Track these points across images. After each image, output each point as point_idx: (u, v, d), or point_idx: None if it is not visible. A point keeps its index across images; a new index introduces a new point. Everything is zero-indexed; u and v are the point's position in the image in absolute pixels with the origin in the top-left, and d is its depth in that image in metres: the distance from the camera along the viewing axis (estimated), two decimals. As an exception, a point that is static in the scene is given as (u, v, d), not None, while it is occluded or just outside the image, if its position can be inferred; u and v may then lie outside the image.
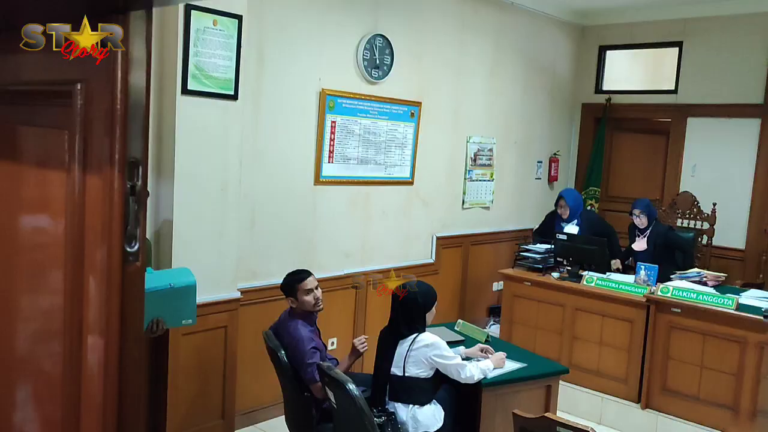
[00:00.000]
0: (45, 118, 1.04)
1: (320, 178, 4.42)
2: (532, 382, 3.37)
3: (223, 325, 3.74)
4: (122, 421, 1.08)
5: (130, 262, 0.92)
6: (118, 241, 0.92)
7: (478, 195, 5.94)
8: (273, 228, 4.17)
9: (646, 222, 5.21)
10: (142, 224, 0.95)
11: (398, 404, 3.08)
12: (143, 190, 0.94)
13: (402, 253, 5.19)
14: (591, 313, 4.69)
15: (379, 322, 4.62)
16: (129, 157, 0.90)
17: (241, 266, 3.90)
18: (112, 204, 0.92)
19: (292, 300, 3.30)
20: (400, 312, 3.12)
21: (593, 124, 7.08)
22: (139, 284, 0.95)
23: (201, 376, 3.70)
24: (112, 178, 0.91)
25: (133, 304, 0.94)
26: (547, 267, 5.11)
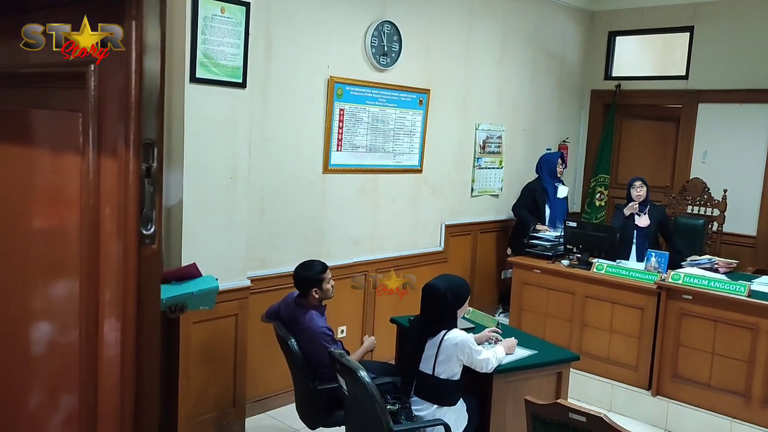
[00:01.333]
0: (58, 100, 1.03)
1: (329, 167, 4.41)
2: (543, 369, 3.37)
3: (234, 313, 3.75)
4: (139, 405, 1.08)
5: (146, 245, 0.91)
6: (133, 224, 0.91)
7: (487, 182, 5.91)
8: (282, 216, 4.17)
9: (644, 194, 5.16)
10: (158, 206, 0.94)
11: (423, 401, 3.06)
12: (159, 172, 0.93)
13: (411, 241, 5.18)
14: (601, 301, 4.67)
15: (389, 310, 4.63)
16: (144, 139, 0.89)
17: (250, 255, 3.90)
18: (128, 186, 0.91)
19: (317, 290, 3.33)
20: (430, 311, 3.07)
21: (602, 110, 7.03)
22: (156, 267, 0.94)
23: (212, 364, 3.72)
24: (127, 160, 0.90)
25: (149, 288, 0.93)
26: (557, 254, 5.09)
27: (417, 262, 5.20)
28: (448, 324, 3.05)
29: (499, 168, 6.02)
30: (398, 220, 5.04)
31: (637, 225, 5.16)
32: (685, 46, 6.39)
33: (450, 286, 3.08)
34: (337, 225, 4.55)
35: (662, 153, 6.72)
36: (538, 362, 3.34)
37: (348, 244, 4.65)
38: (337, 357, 2.91)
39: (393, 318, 3.92)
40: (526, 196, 5.86)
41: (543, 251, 5.18)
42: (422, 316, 3.13)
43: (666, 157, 6.67)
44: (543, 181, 5.85)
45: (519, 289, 5.14)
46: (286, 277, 4.08)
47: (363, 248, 4.77)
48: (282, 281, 4.10)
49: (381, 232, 4.91)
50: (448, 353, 2.99)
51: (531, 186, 5.93)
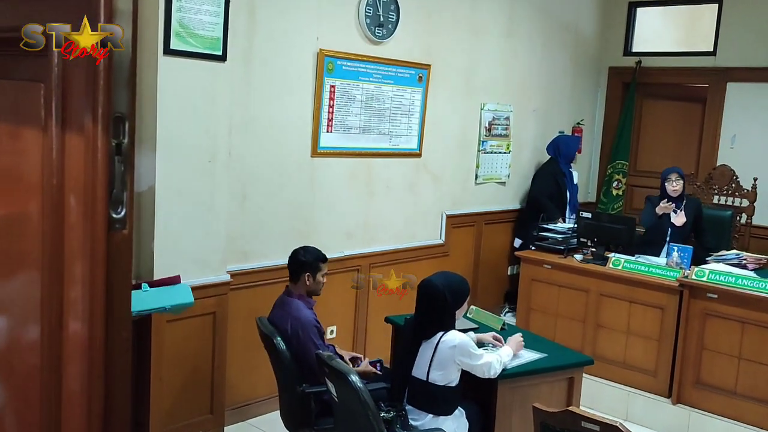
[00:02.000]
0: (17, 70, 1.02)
1: (318, 149, 4.40)
2: (553, 373, 3.39)
3: (212, 311, 3.75)
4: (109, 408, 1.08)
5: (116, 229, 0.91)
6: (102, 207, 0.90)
7: (492, 169, 5.92)
8: (266, 204, 4.16)
9: (681, 189, 5.07)
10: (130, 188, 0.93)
11: (416, 410, 3.07)
12: (130, 150, 0.93)
13: (408, 233, 5.19)
14: (617, 299, 4.69)
15: (383, 309, 4.64)
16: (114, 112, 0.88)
17: (230, 246, 3.90)
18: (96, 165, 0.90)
19: (310, 277, 3.40)
20: (426, 311, 3.08)
21: (621, 90, 7.04)
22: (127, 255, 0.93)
23: (187, 367, 3.72)
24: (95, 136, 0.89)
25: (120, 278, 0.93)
26: (570, 248, 5.11)
27: (415, 256, 5.20)
28: (445, 325, 3.05)
29: (506, 153, 6.02)
30: (394, 210, 5.04)
31: (672, 223, 5.07)
32: (714, 18, 6.39)
33: (448, 283, 3.08)
34: (327, 214, 4.54)
35: (686, 137, 6.73)
36: (547, 366, 3.35)
37: (339, 236, 4.65)
38: (325, 360, 2.91)
39: (388, 317, 3.93)
40: (547, 181, 5.89)
41: (554, 245, 5.20)
42: (417, 316, 3.13)
43: (690, 141, 6.69)
44: (560, 164, 5.89)
45: (527, 286, 5.15)
46: (270, 271, 4.09)
47: (355, 240, 4.77)
48: (266, 276, 4.10)
49: (375, 223, 4.91)
50: (444, 357, 2.99)
51: (549, 169, 5.96)
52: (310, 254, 3.46)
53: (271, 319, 3.42)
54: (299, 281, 3.43)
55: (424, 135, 5.13)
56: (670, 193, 5.07)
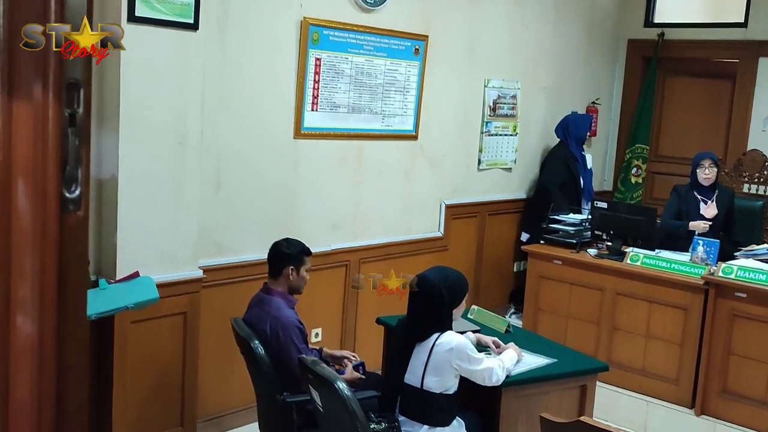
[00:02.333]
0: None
1: (302, 130, 4.39)
2: (564, 381, 3.40)
3: (182, 311, 3.75)
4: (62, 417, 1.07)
5: (69, 211, 0.90)
6: (54, 186, 0.89)
7: (497, 153, 5.92)
8: (243, 191, 4.15)
9: (714, 177, 5.08)
10: (85, 164, 0.92)
11: (409, 421, 3.07)
12: (86, 120, 0.91)
13: (403, 224, 5.19)
14: (636, 299, 4.71)
15: (374, 308, 4.64)
16: (67, 78, 0.87)
17: (203, 239, 3.89)
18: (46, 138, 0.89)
19: (293, 270, 3.41)
20: (420, 310, 3.08)
21: (641, 65, 7.04)
22: (82, 239, 0.92)
23: (154, 374, 3.71)
24: (46, 105, 0.88)
25: (74, 267, 0.92)
26: (583, 242, 5.12)
27: (410, 251, 5.21)
28: (441, 325, 3.06)
29: (512, 135, 6.02)
30: (387, 199, 5.04)
31: (702, 215, 5.07)
32: (745, -14, 6.39)
33: (444, 279, 3.08)
34: (312, 203, 4.54)
35: (714, 118, 6.74)
36: (557, 373, 3.36)
37: (325, 228, 4.65)
38: (308, 365, 2.91)
39: (379, 318, 3.93)
40: (558, 167, 5.89)
41: (565, 238, 5.21)
42: (410, 316, 3.13)
43: (718, 123, 6.70)
44: (570, 147, 5.89)
45: (535, 284, 5.16)
46: (248, 267, 4.08)
47: (343, 233, 4.77)
48: (243, 272, 4.09)
49: (366, 214, 4.90)
50: (440, 361, 2.99)
51: (559, 153, 5.97)
52: (295, 246, 3.47)
53: (248, 319, 3.41)
54: (281, 276, 3.43)
55: (421, 115, 5.11)
56: (702, 181, 5.08)
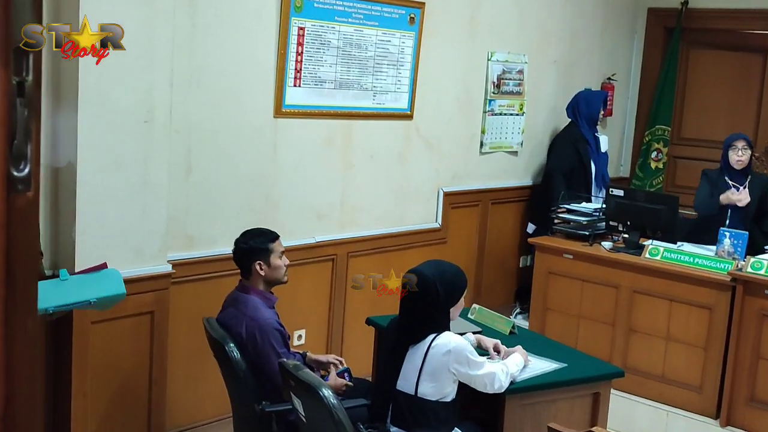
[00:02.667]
0: None
1: (283, 108, 4.38)
2: (575, 388, 3.41)
3: (149, 309, 3.74)
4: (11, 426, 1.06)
5: (18, 191, 0.89)
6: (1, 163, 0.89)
7: (502, 134, 5.92)
8: (217, 176, 4.14)
9: (747, 160, 5.09)
10: (35, 139, 0.92)
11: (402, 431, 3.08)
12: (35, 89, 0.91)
13: (396, 214, 5.19)
14: (655, 297, 4.73)
15: (364, 307, 4.65)
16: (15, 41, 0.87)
17: (172, 229, 3.88)
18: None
19: (262, 265, 3.39)
20: (413, 309, 3.08)
21: (663, 37, 7.04)
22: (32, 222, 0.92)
23: (118, 380, 3.71)
24: (-10, 71, 0.87)
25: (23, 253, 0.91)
26: (596, 234, 5.13)
27: (405, 244, 5.21)
28: (437, 326, 3.06)
29: (518, 114, 6.02)
30: (379, 185, 5.04)
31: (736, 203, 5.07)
32: (778, -52, 6.40)
33: (440, 274, 3.09)
34: (294, 190, 4.53)
35: (743, 96, 6.76)
36: (567, 379, 3.37)
37: (309, 217, 4.65)
38: (290, 370, 2.92)
39: (370, 318, 3.93)
40: (566, 151, 5.89)
41: (577, 229, 5.22)
42: (403, 316, 3.14)
43: (748, 102, 6.72)
44: (581, 128, 5.89)
45: (543, 280, 5.17)
46: (222, 261, 4.07)
47: (330, 223, 4.77)
48: (216, 267, 4.08)
49: (355, 202, 4.90)
50: (436, 365, 3.00)
51: (569, 136, 5.96)
52: (254, 238, 3.46)
53: (222, 320, 3.41)
54: (251, 274, 3.43)
55: (417, 91, 5.10)
56: (734, 164, 5.10)
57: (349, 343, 4.91)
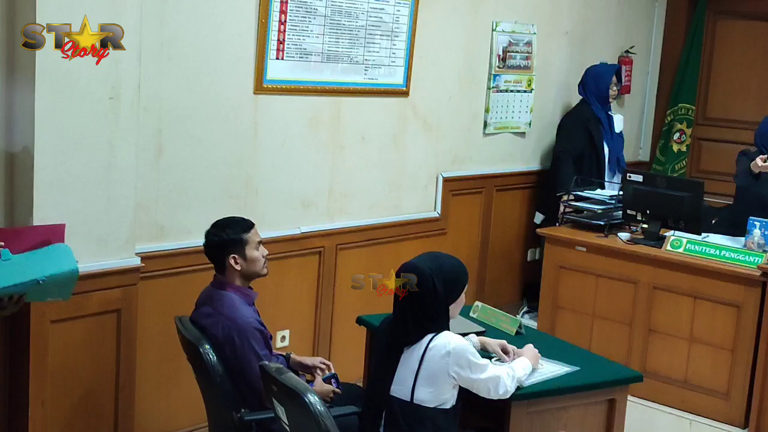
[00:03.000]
0: None
1: (264, 83, 4.37)
2: (588, 394, 3.42)
3: (115, 308, 3.72)
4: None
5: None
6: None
7: (508, 114, 5.91)
8: (191, 159, 4.13)
9: None
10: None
11: None
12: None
13: (391, 202, 5.18)
14: (677, 294, 4.74)
15: (354, 305, 4.64)
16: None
17: (141, 218, 3.87)
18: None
19: (237, 258, 3.38)
20: (409, 307, 3.07)
21: (687, 5, 7.04)
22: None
23: (81, 387, 3.70)
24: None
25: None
26: (612, 224, 5.13)
27: (400, 235, 5.21)
28: (435, 325, 3.06)
29: (526, 91, 6.01)
30: (371, 170, 5.03)
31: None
32: None
33: (438, 267, 3.08)
34: (277, 175, 4.53)
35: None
36: (579, 384, 3.37)
37: (293, 206, 4.64)
38: (272, 374, 2.91)
39: (361, 317, 3.93)
40: (575, 132, 5.88)
41: (591, 219, 5.21)
42: (397, 315, 3.14)
43: (781, 78, 6.73)
44: (592, 106, 5.89)
45: (553, 275, 5.18)
46: (197, 253, 4.05)
47: (316, 212, 4.76)
48: (190, 260, 4.08)
49: (345, 189, 4.90)
50: (434, 368, 3.00)
51: (579, 114, 5.95)
52: (225, 229, 3.44)
53: (197, 319, 3.41)
54: (227, 269, 3.42)
55: (413, 65, 5.10)
56: None
57: (337, 345, 4.91)
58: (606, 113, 6.00)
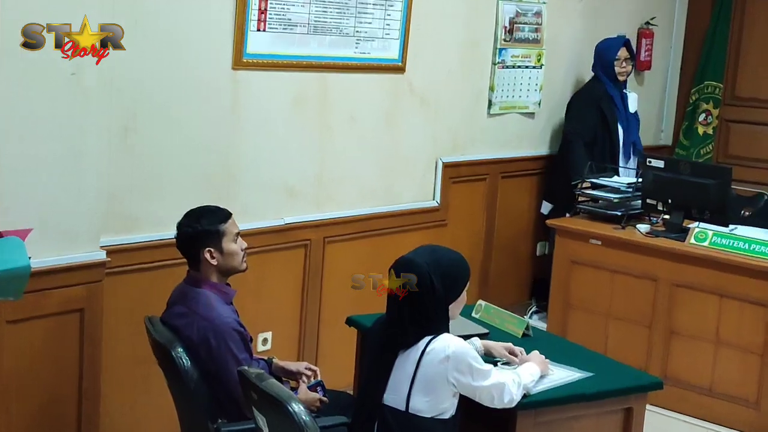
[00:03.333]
0: None
1: (243, 58, 4.36)
2: (602, 402, 3.42)
3: (78, 306, 3.71)
4: None
5: None
6: None
7: (515, 92, 5.91)
8: (163, 142, 4.13)
9: None
10: None
11: None
12: None
13: (384, 190, 5.19)
14: (702, 292, 4.75)
15: (344, 304, 4.64)
16: None
17: (107, 208, 3.87)
18: None
19: (213, 252, 3.37)
20: (404, 306, 3.06)
21: (714, -27, 7.04)
22: None
23: (41, 394, 3.69)
24: None
25: None
26: (630, 214, 5.13)
27: (395, 227, 5.22)
28: (433, 327, 3.06)
29: (536, 67, 6.01)
30: (363, 154, 5.03)
31: None
32: None
33: (436, 262, 3.08)
34: (259, 160, 4.52)
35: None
36: (593, 391, 3.38)
37: (277, 194, 4.64)
38: (252, 380, 2.91)
39: (351, 318, 3.94)
40: (585, 112, 5.88)
41: (606, 208, 5.21)
42: (391, 315, 3.14)
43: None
44: (605, 83, 5.88)
45: (565, 271, 5.19)
46: (169, 247, 4.03)
47: (302, 201, 4.76)
48: (161, 254, 4.08)
49: (333, 175, 4.90)
50: (432, 374, 3.00)
51: (590, 92, 5.95)
52: (200, 219, 3.42)
53: (169, 319, 3.41)
54: (202, 264, 3.41)
55: (410, 38, 5.09)
56: None
57: (325, 348, 4.91)
58: (620, 91, 5.99)
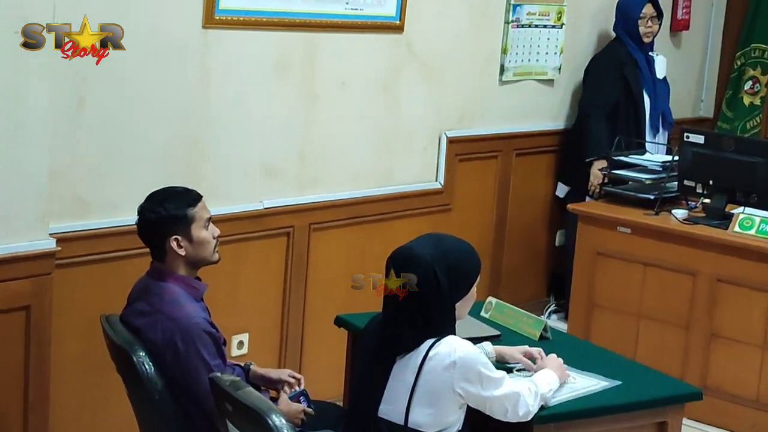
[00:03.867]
0: None
1: (215, 15, 4.35)
2: (632, 415, 3.44)
3: (23, 304, 3.72)
4: None
5: None
6: None
7: (532, 55, 5.92)
8: (121, 114, 4.12)
9: None
10: None
11: None
12: None
13: (380, 169, 5.20)
14: (747, 288, 4.77)
15: (333, 304, 4.65)
16: None
17: (57, 190, 3.87)
18: None
19: (180, 241, 3.36)
20: (402, 305, 3.07)
21: None
22: None
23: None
24: None
25: None
26: (664, 198, 5.14)
27: (392, 212, 5.24)
28: (437, 328, 3.06)
29: (555, 27, 6.01)
30: (355, 127, 5.04)
31: None
32: None
33: (441, 254, 3.09)
34: (233, 135, 4.53)
35: None
36: (621, 402, 3.39)
37: (254, 174, 4.65)
38: (225, 389, 2.92)
39: (341, 317, 3.95)
40: (607, 79, 5.86)
41: (637, 191, 5.22)
42: (388, 315, 3.15)
43: None
44: (627, 45, 5.87)
45: (588, 264, 5.19)
46: (128, 234, 4.04)
47: (284, 182, 4.78)
48: (120, 243, 4.09)
49: (320, 151, 4.91)
50: (435, 383, 3.01)
51: (611, 56, 5.94)
52: (164, 202, 3.40)
53: (129, 318, 3.41)
54: (167, 254, 3.39)
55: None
56: None
57: (310, 353, 4.92)
58: (645, 55, 5.98)
